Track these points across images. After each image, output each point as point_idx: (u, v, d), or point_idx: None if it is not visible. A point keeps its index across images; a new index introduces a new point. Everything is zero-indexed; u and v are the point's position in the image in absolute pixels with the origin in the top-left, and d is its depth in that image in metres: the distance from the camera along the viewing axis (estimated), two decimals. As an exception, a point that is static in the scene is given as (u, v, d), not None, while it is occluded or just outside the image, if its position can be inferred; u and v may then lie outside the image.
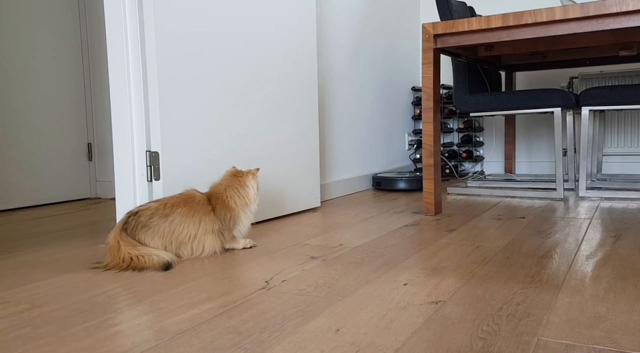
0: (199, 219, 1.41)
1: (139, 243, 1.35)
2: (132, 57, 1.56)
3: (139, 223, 1.36)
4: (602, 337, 0.84)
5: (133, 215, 1.37)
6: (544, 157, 3.31)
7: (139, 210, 1.38)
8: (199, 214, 1.41)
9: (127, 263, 1.31)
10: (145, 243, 1.36)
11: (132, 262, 1.31)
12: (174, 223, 1.38)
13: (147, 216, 1.37)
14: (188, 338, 0.88)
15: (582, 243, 1.49)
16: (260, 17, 1.93)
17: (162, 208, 1.38)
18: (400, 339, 0.85)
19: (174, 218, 1.38)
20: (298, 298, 1.07)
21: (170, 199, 1.41)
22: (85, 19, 2.77)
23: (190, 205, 1.41)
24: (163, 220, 1.37)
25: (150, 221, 1.36)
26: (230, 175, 1.51)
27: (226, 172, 1.52)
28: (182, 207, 1.40)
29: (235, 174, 1.51)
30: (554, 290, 1.08)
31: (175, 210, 1.39)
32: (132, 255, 1.31)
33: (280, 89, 2.04)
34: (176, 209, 1.39)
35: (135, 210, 1.38)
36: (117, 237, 1.34)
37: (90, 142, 2.82)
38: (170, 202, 1.40)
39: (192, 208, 1.41)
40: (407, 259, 1.36)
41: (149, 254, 1.32)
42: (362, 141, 2.94)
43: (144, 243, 1.36)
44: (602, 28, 1.76)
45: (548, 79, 3.29)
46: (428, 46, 2.02)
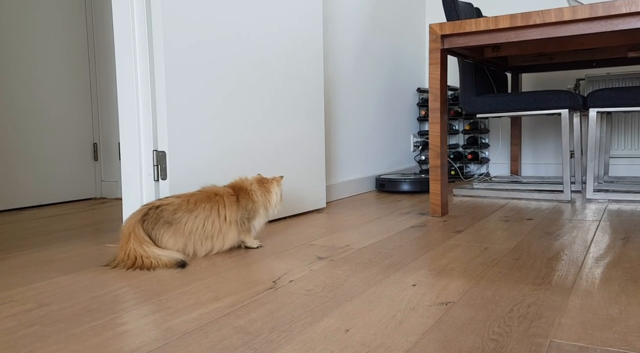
0: (223, 211, 1.43)
1: (149, 241, 1.33)
2: (139, 56, 1.56)
3: (160, 218, 1.35)
4: (616, 339, 0.83)
5: (154, 209, 1.36)
6: (550, 159, 3.30)
7: (161, 204, 1.37)
8: (223, 206, 1.43)
9: (131, 261, 1.30)
10: (163, 241, 1.35)
11: (136, 261, 1.30)
12: (199, 218, 1.39)
13: (171, 212, 1.36)
14: (196, 337, 0.87)
15: (591, 245, 1.48)
16: (267, 19, 1.92)
17: (186, 203, 1.39)
18: (410, 340, 0.84)
19: (198, 214, 1.39)
20: (306, 298, 1.06)
21: (192, 195, 1.42)
22: (92, 18, 2.78)
23: (214, 200, 1.43)
24: (187, 215, 1.37)
25: (174, 217, 1.36)
26: (256, 182, 1.55)
27: (252, 178, 1.56)
28: (205, 202, 1.41)
29: (261, 180, 1.56)
30: (564, 292, 1.06)
31: (200, 205, 1.40)
32: (137, 255, 1.31)
33: (286, 89, 2.04)
34: (200, 205, 1.40)
35: (158, 204, 1.37)
36: (130, 228, 1.33)
37: (96, 142, 2.82)
38: (194, 198, 1.41)
39: (216, 202, 1.43)
40: (415, 260, 1.35)
41: (155, 256, 1.31)
42: (367, 142, 2.94)
43: (160, 241, 1.35)
44: (611, 29, 1.75)
45: (554, 80, 3.28)
46: (435, 47, 2.01)
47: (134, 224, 1.33)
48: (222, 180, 1.73)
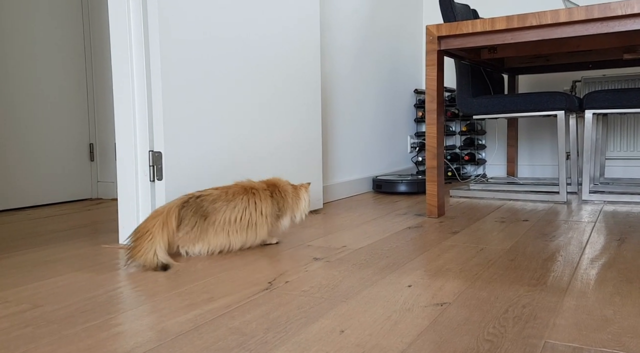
0: (260, 204, 1.49)
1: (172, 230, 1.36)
2: (135, 57, 1.56)
3: (200, 207, 1.40)
4: (610, 340, 0.83)
5: (194, 198, 1.41)
6: (546, 161, 3.31)
7: (202, 195, 1.43)
8: (259, 199, 1.49)
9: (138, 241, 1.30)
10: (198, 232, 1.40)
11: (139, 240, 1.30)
12: (237, 208, 1.44)
13: (210, 201, 1.42)
14: (191, 338, 0.87)
15: (586, 247, 1.48)
16: (265, 19, 1.92)
17: (225, 195, 1.45)
18: (405, 341, 0.84)
19: (236, 205, 1.45)
20: (302, 299, 1.06)
21: (230, 188, 1.48)
22: (88, 18, 2.77)
23: (250, 194, 1.49)
24: (225, 206, 1.43)
25: (213, 206, 1.42)
26: (289, 184, 1.61)
27: (285, 181, 1.62)
28: (243, 194, 1.47)
29: (293, 186, 1.62)
30: (559, 293, 1.07)
31: (237, 197, 1.46)
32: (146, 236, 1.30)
33: (284, 90, 2.04)
34: (238, 196, 1.46)
35: (198, 194, 1.42)
36: (166, 209, 1.36)
37: (92, 143, 2.81)
38: (231, 190, 1.47)
39: (252, 194, 1.49)
40: (411, 261, 1.35)
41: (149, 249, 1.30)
42: (364, 143, 2.94)
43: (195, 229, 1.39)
44: (606, 30, 1.75)
45: (550, 82, 3.29)
46: (432, 48, 2.01)
47: (171, 207, 1.38)
48: (219, 181, 1.73)
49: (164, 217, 1.35)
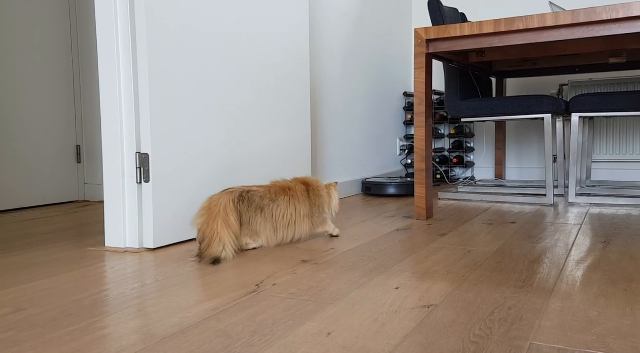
0: (298, 205, 1.57)
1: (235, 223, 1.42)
2: (122, 58, 1.55)
3: (253, 202, 1.48)
4: (595, 341, 0.84)
5: (246, 192, 1.47)
6: (533, 164, 3.33)
7: (250, 190, 1.50)
8: (298, 201, 1.57)
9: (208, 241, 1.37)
10: (255, 224, 1.48)
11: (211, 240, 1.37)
12: (280, 208, 1.53)
13: (260, 198, 1.49)
14: (176, 342, 0.86)
15: (572, 249, 1.49)
16: (253, 23, 1.92)
17: (269, 193, 1.53)
18: (392, 343, 0.84)
19: (279, 204, 1.53)
20: (289, 301, 1.06)
21: (271, 187, 1.56)
22: (75, 17, 2.75)
23: (290, 194, 1.57)
24: (271, 204, 1.52)
25: (262, 203, 1.50)
26: (322, 184, 1.69)
27: (316, 179, 1.70)
28: (284, 195, 1.55)
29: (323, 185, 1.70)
30: (545, 295, 1.07)
31: (279, 196, 1.54)
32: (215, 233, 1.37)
33: (273, 93, 2.04)
34: (280, 196, 1.54)
35: (247, 189, 1.49)
36: (223, 205, 1.41)
37: (79, 144, 2.79)
38: (274, 189, 1.55)
39: (292, 196, 1.57)
40: (399, 263, 1.36)
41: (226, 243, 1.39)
42: (354, 146, 2.94)
43: (252, 223, 1.47)
44: (592, 35, 1.77)
45: (538, 85, 3.32)
46: (420, 51, 2.02)
47: (226, 203, 1.42)
48: (208, 182, 1.72)
49: (223, 216, 1.41)
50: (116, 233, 1.57)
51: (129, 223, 1.56)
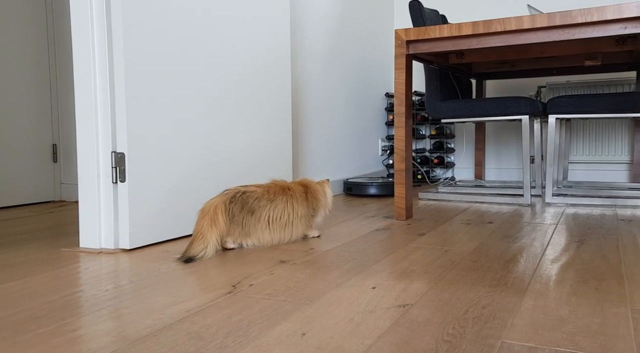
0: (296, 205, 1.58)
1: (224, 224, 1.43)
2: (98, 56, 1.52)
3: (246, 203, 1.49)
4: (564, 339, 0.85)
5: (240, 194, 1.49)
6: (512, 164, 3.38)
7: (247, 191, 1.51)
8: (296, 200, 1.59)
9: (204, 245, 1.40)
10: (246, 225, 1.49)
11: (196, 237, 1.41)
12: (278, 208, 1.54)
13: (255, 199, 1.51)
14: (148, 344, 0.85)
15: (547, 248, 1.52)
16: (233, 23, 1.91)
17: (267, 193, 1.54)
18: (366, 343, 0.84)
19: (277, 204, 1.54)
20: (265, 302, 1.05)
21: (270, 187, 1.57)
22: (52, 16, 2.70)
23: (289, 194, 1.58)
24: (269, 204, 1.53)
25: (258, 204, 1.51)
26: (317, 183, 1.71)
27: (311, 180, 1.72)
28: (282, 195, 1.57)
29: (317, 183, 1.73)
30: (519, 294, 1.09)
31: (278, 196, 1.55)
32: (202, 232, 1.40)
33: (253, 91, 2.02)
34: (278, 196, 1.56)
35: (243, 190, 1.51)
36: (214, 205, 1.43)
37: (56, 143, 2.74)
38: (272, 189, 1.56)
39: (290, 197, 1.58)
40: (377, 263, 1.36)
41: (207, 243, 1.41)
42: (335, 146, 2.94)
43: (243, 225, 1.48)
44: (568, 37, 1.80)
45: (517, 87, 3.36)
46: (400, 52, 2.03)
47: (217, 204, 1.43)
48: (186, 182, 1.71)
49: (211, 215, 1.42)
50: (91, 233, 1.54)
51: (104, 223, 1.54)
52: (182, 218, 1.70)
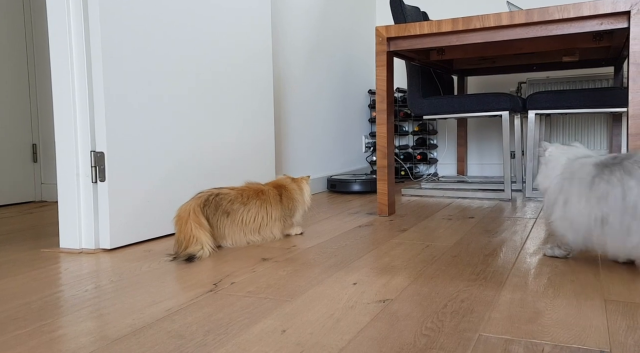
0: (270, 208, 1.58)
1: (206, 226, 1.42)
2: (76, 54, 1.50)
3: (220, 206, 1.47)
4: (540, 331, 0.86)
5: (214, 196, 1.47)
6: (494, 160, 3.42)
7: (220, 193, 1.49)
8: (270, 204, 1.58)
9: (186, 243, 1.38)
10: (221, 228, 1.48)
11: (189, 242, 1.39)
12: (251, 212, 1.53)
13: (229, 201, 1.49)
14: (127, 343, 0.85)
15: (526, 242, 1.54)
16: (214, 21, 1.90)
17: (241, 197, 1.53)
18: (345, 338, 0.85)
19: (250, 208, 1.53)
20: (246, 300, 1.05)
21: (243, 190, 1.56)
22: (30, 14, 2.66)
23: (262, 197, 1.58)
24: (242, 208, 1.52)
25: (232, 207, 1.49)
26: (289, 179, 1.71)
27: (285, 177, 1.72)
28: (256, 199, 1.56)
29: (293, 179, 1.71)
30: (497, 287, 1.10)
31: (251, 200, 1.55)
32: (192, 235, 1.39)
33: (234, 88, 2.02)
34: (252, 200, 1.55)
35: (217, 192, 1.49)
36: (189, 210, 1.41)
37: (35, 143, 2.70)
38: (246, 192, 1.55)
39: (264, 200, 1.58)
40: (359, 259, 1.37)
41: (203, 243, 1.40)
42: (319, 143, 2.95)
43: (218, 228, 1.47)
44: (545, 34, 1.83)
45: (498, 83, 3.40)
46: (381, 49, 2.04)
47: (193, 207, 1.42)
48: (166, 181, 1.70)
49: (194, 218, 1.41)
50: (71, 234, 1.53)
51: (84, 223, 1.52)
52: (164, 217, 1.69)
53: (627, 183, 1.13)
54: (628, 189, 1.13)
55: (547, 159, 1.35)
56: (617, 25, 1.73)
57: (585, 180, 1.20)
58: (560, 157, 1.32)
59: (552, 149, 1.36)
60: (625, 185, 1.13)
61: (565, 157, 1.31)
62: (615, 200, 1.14)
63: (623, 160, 1.18)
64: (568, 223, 1.24)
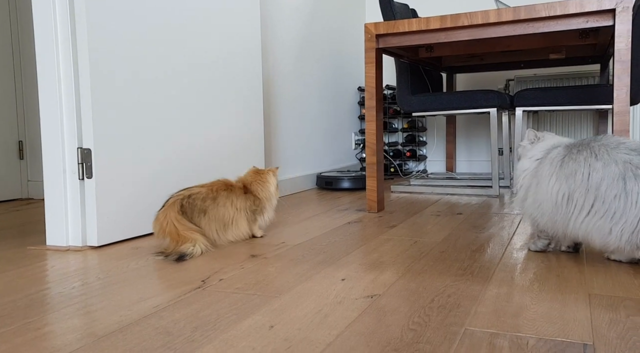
0: (237, 204, 1.53)
1: (195, 226, 1.41)
2: (62, 49, 1.49)
3: (195, 206, 1.44)
4: (524, 325, 0.88)
5: (187, 198, 1.44)
6: (483, 156, 3.44)
7: (191, 194, 1.45)
8: (237, 199, 1.53)
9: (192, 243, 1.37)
10: (201, 227, 1.44)
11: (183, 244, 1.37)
12: (219, 206, 1.49)
13: (201, 200, 1.46)
14: (114, 340, 0.84)
15: (513, 237, 1.56)
16: (202, 18, 1.89)
17: (211, 192, 1.49)
18: (333, 333, 0.86)
19: (219, 202, 1.49)
20: (234, 296, 1.05)
21: (212, 185, 1.51)
22: (15, 11, 2.62)
23: (230, 190, 1.53)
24: (213, 203, 1.48)
25: (205, 205, 1.46)
26: (253, 172, 1.64)
27: (249, 170, 1.65)
28: (224, 191, 1.52)
29: (257, 171, 1.65)
30: (483, 282, 1.11)
31: (220, 193, 1.50)
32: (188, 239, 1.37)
33: (222, 85, 2.01)
34: (220, 193, 1.50)
35: (188, 194, 1.45)
36: (172, 222, 1.37)
37: (22, 140, 2.67)
38: (215, 186, 1.51)
39: (231, 193, 1.53)
40: (347, 255, 1.37)
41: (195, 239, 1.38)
42: (309, 140, 2.95)
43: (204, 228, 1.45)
44: (532, 31, 1.84)
45: (487, 80, 3.42)
46: (370, 46, 2.05)
47: (175, 217, 1.38)
48: (154, 178, 1.69)
49: (181, 228, 1.38)
50: (58, 231, 1.52)
51: (71, 220, 1.51)
52: (152, 214, 1.68)
53: (593, 165, 1.17)
54: (593, 171, 1.17)
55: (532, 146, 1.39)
56: (602, 22, 1.75)
57: (556, 160, 1.25)
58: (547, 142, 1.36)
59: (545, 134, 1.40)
60: (591, 166, 1.17)
61: (551, 143, 1.35)
62: (582, 178, 1.17)
63: (591, 142, 1.24)
64: (537, 205, 1.27)
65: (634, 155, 1.15)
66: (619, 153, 1.17)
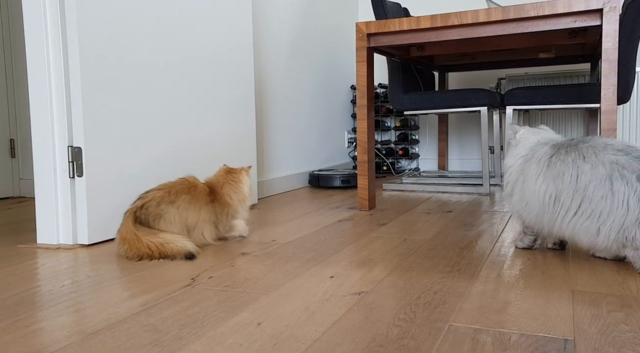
0: (200, 208, 1.45)
1: (158, 230, 1.37)
2: (52, 46, 1.49)
3: (149, 214, 1.38)
4: (508, 321, 0.89)
5: (139, 209, 1.38)
6: (474, 155, 3.46)
7: (144, 203, 1.39)
8: (200, 203, 1.45)
9: (158, 252, 1.33)
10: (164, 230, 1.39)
11: (158, 249, 1.33)
12: (180, 209, 1.41)
13: (155, 206, 1.39)
14: (102, 338, 0.85)
15: (501, 235, 1.57)
16: (193, 13, 1.89)
17: (167, 195, 1.41)
18: (320, 330, 0.87)
19: (179, 205, 1.41)
20: (223, 294, 1.06)
21: (174, 186, 1.44)
22: (7, 9, 2.61)
23: (193, 194, 1.45)
24: (170, 207, 1.40)
25: (159, 209, 1.39)
26: (224, 172, 1.57)
27: (220, 169, 1.58)
28: (186, 194, 1.43)
29: (229, 171, 1.57)
30: (470, 279, 1.13)
31: (180, 196, 1.42)
32: (157, 244, 1.33)
33: (214, 82, 2.01)
34: (180, 196, 1.42)
35: (140, 204, 1.39)
36: (132, 231, 1.34)
37: (13, 138, 2.66)
38: (175, 188, 1.43)
39: (194, 196, 1.45)
40: (337, 253, 1.39)
41: (173, 240, 1.35)
42: (301, 138, 2.96)
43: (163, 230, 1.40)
44: (521, 31, 1.86)
45: (479, 79, 3.44)
46: (362, 45, 2.06)
47: (132, 227, 1.34)
48: (145, 177, 1.69)
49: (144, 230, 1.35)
50: (48, 229, 1.52)
51: (62, 219, 1.52)
52: (143, 213, 1.68)
53: (582, 167, 1.19)
54: (582, 173, 1.18)
55: (517, 141, 1.40)
56: (590, 22, 1.77)
57: (542, 160, 1.26)
58: (530, 138, 1.37)
59: (523, 131, 1.41)
60: (579, 168, 1.18)
61: (535, 139, 1.36)
62: (570, 179, 1.19)
63: (579, 143, 1.25)
64: (524, 204, 1.29)
65: (620, 156, 1.17)
66: (606, 154, 1.18)
